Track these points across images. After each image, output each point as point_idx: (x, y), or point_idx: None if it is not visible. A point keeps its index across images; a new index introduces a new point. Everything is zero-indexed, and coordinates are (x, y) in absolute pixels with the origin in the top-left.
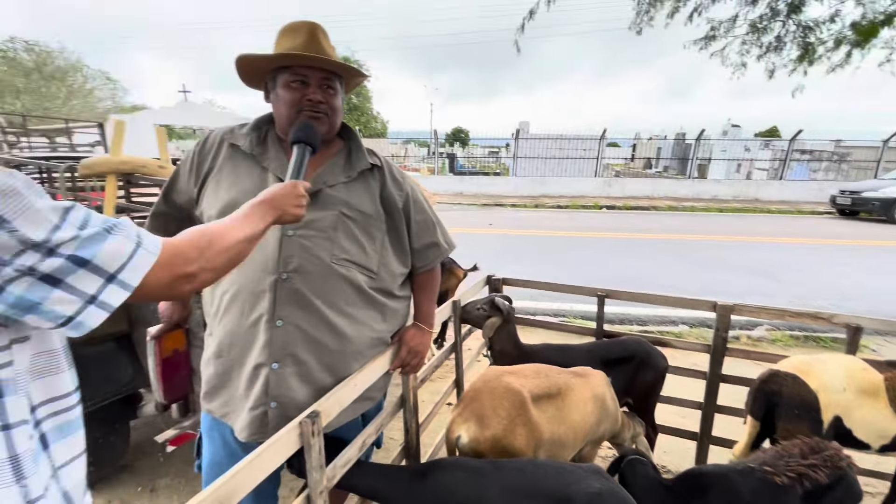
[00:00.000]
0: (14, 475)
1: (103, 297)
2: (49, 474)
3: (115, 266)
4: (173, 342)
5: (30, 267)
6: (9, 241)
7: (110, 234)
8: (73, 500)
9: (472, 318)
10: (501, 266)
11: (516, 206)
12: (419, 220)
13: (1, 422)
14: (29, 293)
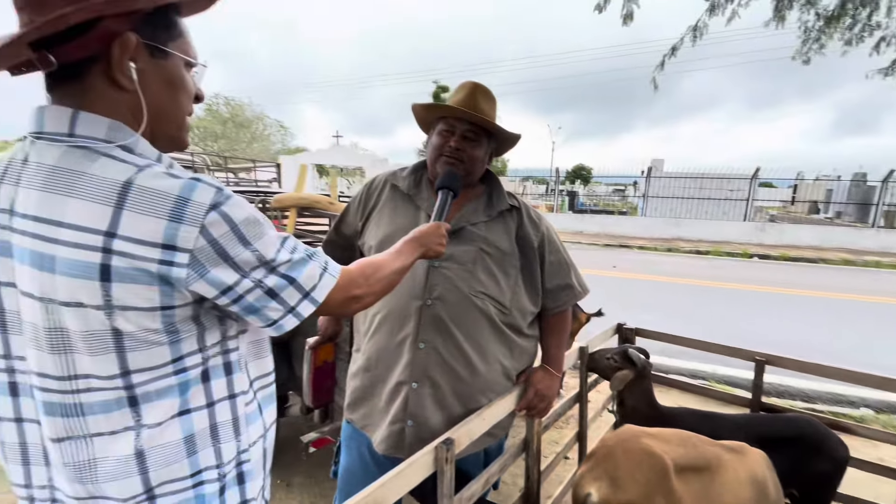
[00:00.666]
0: (234, 432)
1: (299, 308)
2: (260, 433)
3: (310, 285)
4: (325, 354)
5: (259, 280)
6: (250, 258)
7: (310, 260)
8: (268, 458)
9: (601, 368)
10: (625, 313)
11: (645, 249)
12: (553, 261)
13: (229, 392)
14: (256, 301)
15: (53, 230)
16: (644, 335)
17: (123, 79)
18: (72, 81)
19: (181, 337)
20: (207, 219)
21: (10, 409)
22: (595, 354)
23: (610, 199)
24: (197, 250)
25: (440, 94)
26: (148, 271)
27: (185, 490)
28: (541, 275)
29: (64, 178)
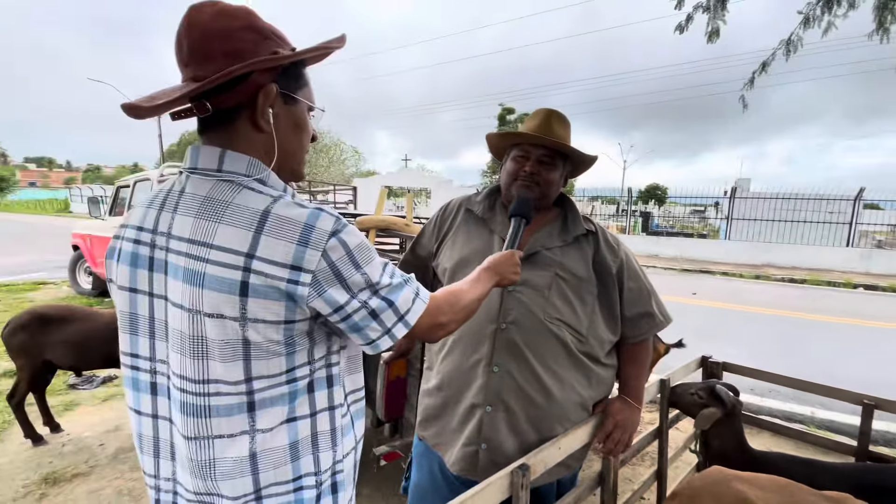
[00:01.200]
0: (331, 442)
1: (394, 330)
2: (352, 445)
3: (405, 309)
4: (398, 369)
5: (365, 301)
6: (360, 280)
7: (406, 285)
8: (356, 469)
9: (684, 404)
10: (707, 345)
11: (729, 275)
12: (632, 288)
13: (329, 403)
14: (361, 321)
15: (204, 251)
16: (732, 370)
17: (263, 122)
18: (222, 125)
19: (296, 349)
20: (328, 244)
21: (149, 406)
22: (678, 389)
23: (688, 220)
24: (318, 271)
25: (506, 116)
26: (278, 288)
27: (287, 493)
28: (619, 302)
29: (214, 207)
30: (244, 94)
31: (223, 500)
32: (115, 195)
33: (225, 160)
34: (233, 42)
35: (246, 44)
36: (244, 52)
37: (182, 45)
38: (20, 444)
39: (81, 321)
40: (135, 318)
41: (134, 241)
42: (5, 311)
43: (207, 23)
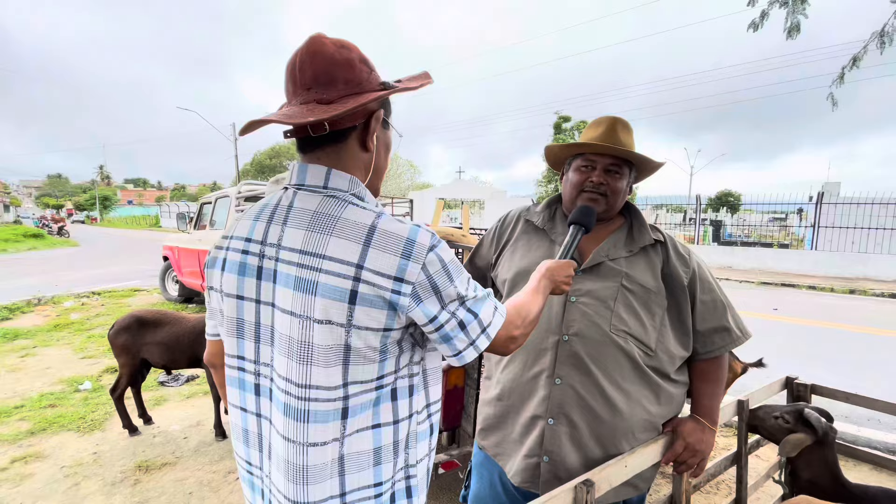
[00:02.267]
0: (407, 448)
1: (478, 342)
2: (426, 452)
3: (487, 322)
4: (456, 378)
5: (454, 312)
6: (452, 291)
7: (487, 299)
8: (429, 476)
9: (767, 428)
10: (790, 366)
11: (816, 289)
12: (705, 300)
13: (409, 411)
14: (451, 331)
15: (317, 261)
16: (822, 393)
17: (371, 143)
18: (334, 143)
19: (387, 357)
20: (427, 258)
21: (254, 405)
22: (759, 411)
23: (766, 229)
24: (417, 283)
25: (562, 125)
26: (383, 297)
27: (368, 498)
28: (692, 316)
29: (324, 221)
30: (360, 118)
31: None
32: (198, 211)
33: (330, 178)
34: (353, 71)
35: (362, 73)
36: (360, 80)
37: (305, 70)
38: (119, 433)
39: (172, 325)
40: (241, 324)
41: (242, 252)
42: (108, 315)
43: (332, 53)
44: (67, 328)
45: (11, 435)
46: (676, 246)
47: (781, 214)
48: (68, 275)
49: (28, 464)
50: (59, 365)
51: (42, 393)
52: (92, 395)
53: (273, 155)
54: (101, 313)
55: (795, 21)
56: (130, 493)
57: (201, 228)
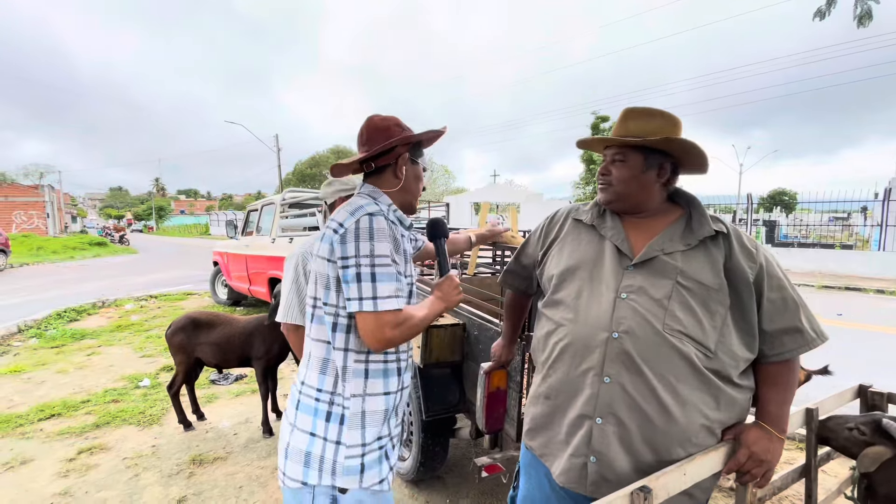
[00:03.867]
0: (342, 377)
1: (364, 302)
2: (359, 392)
3: (381, 294)
4: (498, 380)
5: (359, 264)
6: (366, 247)
7: (394, 282)
8: (364, 420)
9: (840, 440)
10: (858, 374)
11: (885, 293)
12: (774, 299)
13: (343, 345)
14: (349, 277)
15: (331, 222)
16: None
17: (399, 174)
18: (378, 175)
19: (330, 290)
20: (361, 220)
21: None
22: (830, 422)
23: (826, 229)
24: (348, 229)
25: (599, 124)
26: (331, 237)
27: (310, 397)
28: (758, 315)
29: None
30: (391, 158)
31: None
32: (246, 218)
33: (363, 187)
34: (388, 132)
35: (394, 132)
36: (391, 136)
37: (363, 135)
38: (174, 428)
39: (224, 326)
40: None
41: None
42: (164, 317)
43: (377, 123)
44: (128, 329)
45: (79, 427)
46: (742, 238)
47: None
48: (128, 279)
49: (93, 455)
50: (121, 363)
51: (106, 389)
52: (150, 391)
53: (313, 164)
54: (157, 315)
55: (866, 7)
56: (186, 484)
57: (248, 235)
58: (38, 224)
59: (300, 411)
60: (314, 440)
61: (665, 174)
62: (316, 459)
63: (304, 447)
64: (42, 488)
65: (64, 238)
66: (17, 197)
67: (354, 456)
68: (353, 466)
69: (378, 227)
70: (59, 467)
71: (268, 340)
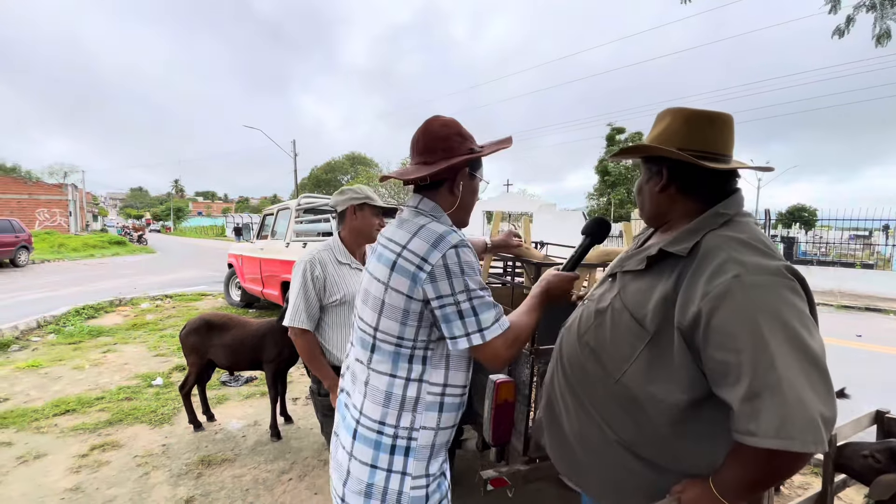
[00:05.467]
0: (412, 408)
1: (472, 336)
2: (433, 425)
3: (485, 325)
4: (506, 392)
5: (458, 301)
6: (460, 283)
7: (494, 308)
8: (431, 452)
9: (856, 468)
10: (879, 399)
11: None
12: (716, 359)
13: (419, 377)
14: (451, 314)
15: (390, 244)
16: None
17: (456, 190)
18: (433, 189)
19: (407, 323)
20: (448, 252)
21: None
22: (846, 449)
23: (846, 247)
24: (436, 266)
25: (615, 136)
26: (409, 270)
27: (371, 430)
28: (700, 371)
29: (402, 223)
30: (450, 174)
31: None
32: (261, 222)
33: (421, 203)
34: (448, 143)
35: (455, 143)
36: (452, 148)
37: (419, 142)
38: (185, 427)
39: (237, 329)
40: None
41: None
42: (178, 317)
43: (436, 130)
44: (143, 328)
45: (92, 424)
46: (710, 263)
47: (864, 231)
48: (145, 279)
49: (105, 451)
50: (135, 361)
51: (120, 386)
52: (163, 390)
53: (328, 170)
54: (172, 315)
55: (885, 27)
56: (194, 485)
57: (263, 238)
58: (61, 222)
59: (359, 442)
60: (376, 472)
61: (661, 181)
62: (378, 491)
63: (364, 478)
64: (54, 483)
65: (84, 236)
66: (41, 195)
67: (420, 487)
68: (419, 497)
69: (466, 261)
70: (71, 463)
71: (279, 344)
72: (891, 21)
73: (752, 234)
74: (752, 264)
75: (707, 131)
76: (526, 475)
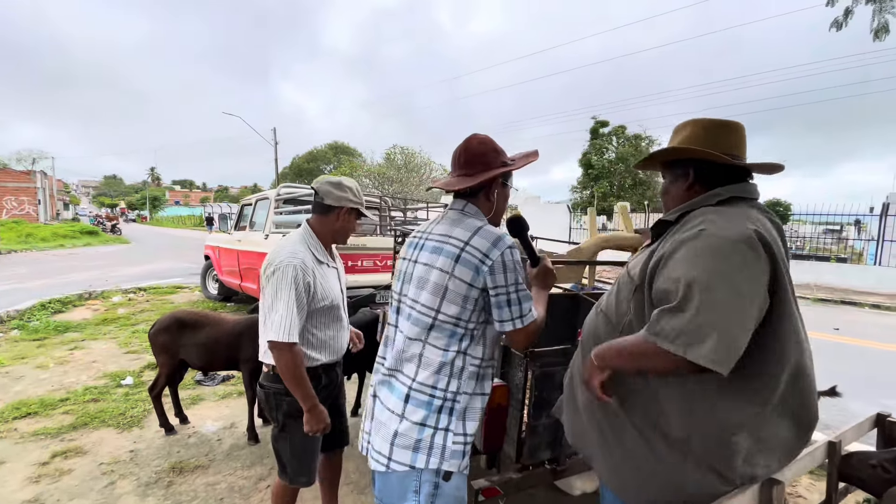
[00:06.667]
0: (459, 375)
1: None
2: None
3: (525, 312)
4: (499, 396)
5: (508, 291)
6: (511, 277)
7: (530, 301)
8: (468, 414)
9: (863, 478)
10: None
11: (882, 308)
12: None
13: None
14: (503, 302)
15: (446, 238)
16: None
17: (492, 197)
18: (472, 196)
19: (466, 307)
20: (505, 251)
21: (394, 319)
22: (852, 459)
23: (820, 241)
24: (495, 261)
25: (599, 129)
26: (472, 262)
27: (424, 393)
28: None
29: (457, 222)
30: (486, 184)
31: None
32: (239, 212)
33: (465, 208)
34: (485, 158)
35: (491, 158)
36: (489, 162)
37: (460, 157)
38: (156, 431)
39: (211, 327)
40: (400, 274)
41: (415, 237)
42: (152, 311)
43: (475, 148)
44: (114, 322)
45: (55, 428)
46: (687, 224)
47: (836, 226)
48: (118, 270)
49: (68, 459)
50: (104, 359)
51: (86, 387)
52: (133, 390)
53: (310, 159)
54: (145, 308)
55: (884, 20)
56: (164, 495)
57: (241, 229)
58: (29, 210)
59: (411, 405)
60: (424, 429)
61: (687, 181)
62: (426, 445)
63: (415, 435)
64: (11, 494)
65: (55, 225)
66: (8, 182)
67: (460, 443)
68: (458, 451)
69: (517, 260)
70: (30, 472)
71: (256, 342)
72: (889, 15)
73: (738, 211)
74: (721, 224)
75: (723, 136)
76: (519, 483)
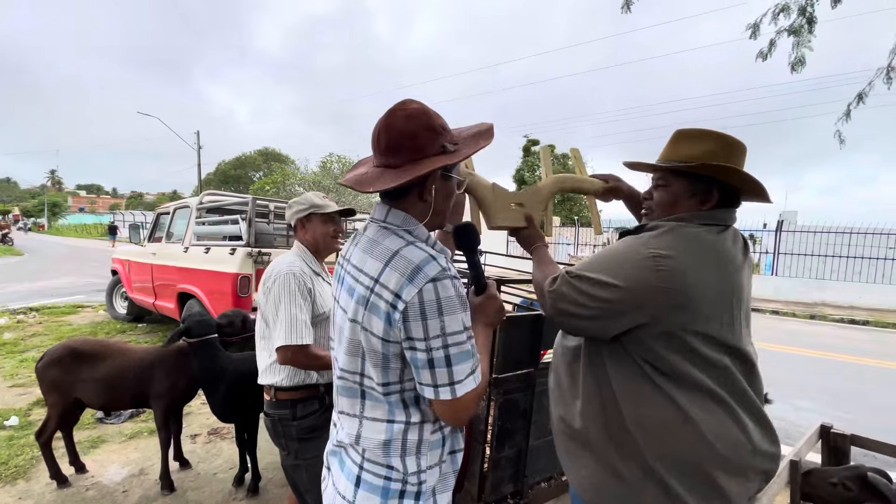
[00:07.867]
0: (416, 451)
1: (441, 390)
2: (436, 462)
3: (458, 378)
4: None
5: (430, 347)
6: (436, 325)
7: (472, 359)
8: (434, 487)
9: (824, 496)
10: (778, 397)
11: (779, 314)
12: None
13: (420, 418)
14: (420, 362)
15: (359, 274)
16: (865, 445)
17: (427, 196)
18: (399, 197)
19: (389, 366)
20: (426, 286)
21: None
22: (812, 477)
23: None
24: (409, 304)
25: (530, 147)
26: (381, 308)
27: (378, 476)
28: None
29: (371, 246)
30: (421, 179)
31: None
32: (154, 222)
33: (388, 215)
34: (417, 141)
35: (425, 141)
36: (424, 147)
37: (381, 139)
38: (46, 484)
39: (113, 358)
40: (330, 312)
41: (338, 264)
42: (45, 334)
43: (401, 127)
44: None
45: None
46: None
47: None
48: (6, 287)
49: None
50: None
51: None
52: (18, 433)
53: (238, 165)
54: (37, 332)
55: (800, 54)
56: None
57: (157, 241)
58: None
59: (363, 490)
60: None
61: (710, 202)
62: None
63: None
64: None
65: None
66: None
67: None
68: None
69: (446, 297)
70: None
71: (172, 375)
72: (805, 49)
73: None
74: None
75: (741, 160)
76: None
